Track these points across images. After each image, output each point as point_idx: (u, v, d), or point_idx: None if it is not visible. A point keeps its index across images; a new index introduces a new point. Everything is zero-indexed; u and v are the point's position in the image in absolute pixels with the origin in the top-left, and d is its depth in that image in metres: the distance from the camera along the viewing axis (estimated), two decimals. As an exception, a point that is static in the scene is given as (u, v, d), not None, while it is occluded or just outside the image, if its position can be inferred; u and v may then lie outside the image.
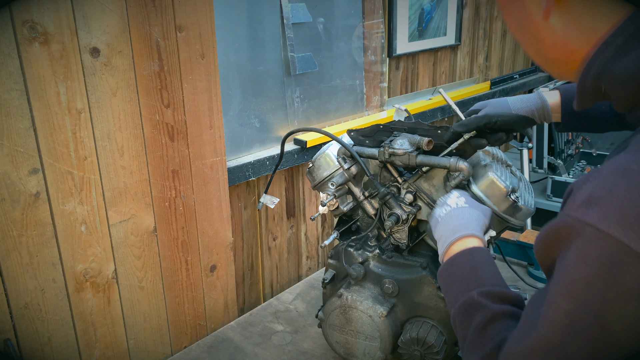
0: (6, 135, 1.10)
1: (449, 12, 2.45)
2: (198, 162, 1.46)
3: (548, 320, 0.55)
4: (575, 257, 0.52)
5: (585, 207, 0.51)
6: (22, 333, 1.21)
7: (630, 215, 0.48)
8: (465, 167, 1.07)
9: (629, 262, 0.48)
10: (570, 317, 0.53)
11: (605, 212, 0.49)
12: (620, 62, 0.57)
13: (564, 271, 0.54)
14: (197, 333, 1.59)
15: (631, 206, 0.49)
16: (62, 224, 1.23)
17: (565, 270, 0.54)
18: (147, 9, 1.27)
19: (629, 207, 0.49)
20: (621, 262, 0.49)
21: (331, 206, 1.26)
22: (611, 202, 0.49)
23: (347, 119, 2.07)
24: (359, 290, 1.25)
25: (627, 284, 0.49)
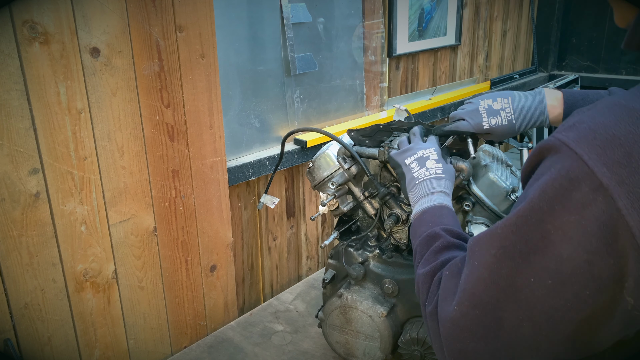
0: (6, 135, 1.10)
1: (449, 12, 2.45)
2: (198, 162, 1.46)
3: (503, 223, 0.59)
4: (542, 170, 0.56)
5: (568, 130, 0.54)
6: (22, 333, 1.21)
7: (600, 138, 0.50)
8: (465, 167, 1.07)
9: (582, 179, 0.50)
10: (517, 215, 0.56)
11: (581, 134, 0.52)
12: None
13: (531, 182, 0.58)
14: (197, 333, 1.59)
15: (604, 131, 0.51)
16: (62, 224, 1.23)
17: (532, 181, 0.57)
18: (147, 9, 1.27)
19: (602, 131, 0.51)
20: (576, 177, 0.51)
21: (331, 206, 1.26)
22: (589, 126, 0.52)
23: (347, 119, 2.07)
24: (359, 290, 1.25)
25: (575, 199, 0.51)
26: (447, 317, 0.64)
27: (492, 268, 0.59)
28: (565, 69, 3.27)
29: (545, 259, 0.54)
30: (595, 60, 3.16)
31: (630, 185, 0.49)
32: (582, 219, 0.51)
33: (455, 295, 0.64)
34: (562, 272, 0.53)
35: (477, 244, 0.62)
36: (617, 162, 0.49)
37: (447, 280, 0.67)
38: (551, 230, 0.53)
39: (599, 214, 0.50)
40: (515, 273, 0.57)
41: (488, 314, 0.59)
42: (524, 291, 0.56)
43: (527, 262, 0.55)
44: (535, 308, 0.56)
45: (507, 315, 0.58)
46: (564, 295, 0.53)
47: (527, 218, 0.55)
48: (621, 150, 0.49)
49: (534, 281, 0.55)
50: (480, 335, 0.61)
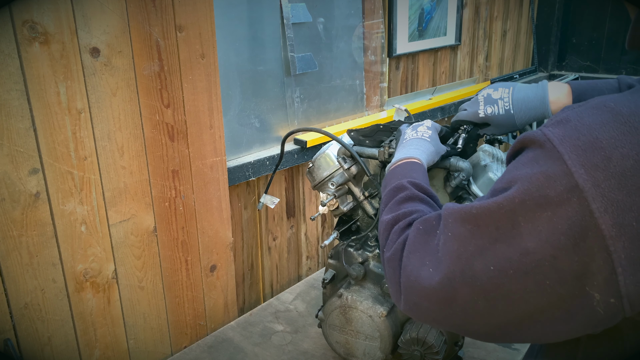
0: (6, 135, 1.10)
1: (449, 12, 2.45)
2: (198, 162, 1.46)
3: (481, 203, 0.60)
4: (523, 159, 0.56)
5: (555, 126, 0.54)
6: (22, 333, 1.21)
7: (582, 140, 0.51)
8: (465, 167, 1.07)
9: (559, 178, 0.51)
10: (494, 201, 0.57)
11: (566, 133, 0.53)
12: None
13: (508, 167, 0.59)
14: (197, 333, 1.59)
15: (588, 132, 0.51)
16: (62, 224, 1.23)
17: (511, 167, 0.58)
18: (147, 9, 1.27)
19: (586, 132, 0.51)
20: (554, 176, 0.52)
21: (331, 206, 1.26)
22: (574, 126, 0.52)
23: (347, 119, 2.07)
24: (359, 290, 1.25)
25: (550, 196, 0.52)
26: (414, 274, 0.65)
27: (462, 243, 0.60)
28: (565, 69, 3.28)
29: (510, 248, 0.55)
30: (595, 60, 3.16)
31: (605, 189, 0.49)
32: (554, 216, 0.52)
33: (426, 254, 0.66)
34: (525, 264, 0.54)
35: (452, 216, 0.63)
36: (595, 165, 0.50)
37: (420, 234, 0.68)
38: (522, 222, 0.54)
39: (572, 213, 0.51)
40: (478, 254, 0.58)
41: (445, 287, 0.61)
42: (481, 277, 0.57)
43: (493, 248, 0.57)
44: (491, 292, 0.57)
45: (461, 294, 0.60)
46: (524, 283, 0.55)
47: (501, 206, 0.56)
48: (601, 153, 0.50)
49: (493, 269, 0.56)
50: (435, 300, 0.63)
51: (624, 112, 0.52)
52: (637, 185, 0.49)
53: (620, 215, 0.49)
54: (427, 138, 1.00)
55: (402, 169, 0.89)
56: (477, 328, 0.62)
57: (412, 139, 1.00)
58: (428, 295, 0.63)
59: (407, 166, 0.89)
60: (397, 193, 0.81)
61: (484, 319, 0.60)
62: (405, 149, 0.97)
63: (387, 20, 2.14)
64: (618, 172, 0.49)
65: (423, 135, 1.01)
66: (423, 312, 0.66)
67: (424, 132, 1.02)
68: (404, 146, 0.99)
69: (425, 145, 0.97)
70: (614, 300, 0.51)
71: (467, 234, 0.59)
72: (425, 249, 0.66)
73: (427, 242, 0.67)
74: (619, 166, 0.49)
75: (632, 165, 0.49)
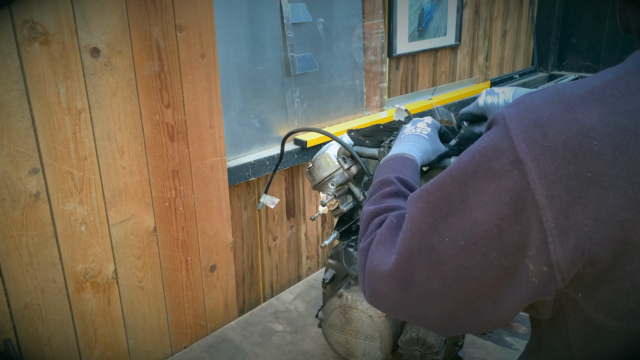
0: (6, 135, 1.10)
1: (449, 12, 2.45)
2: (198, 162, 1.46)
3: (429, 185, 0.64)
4: (483, 136, 0.60)
5: (512, 106, 0.58)
6: (22, 333, 1.21)
7: (529, 117, 0.55)
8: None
9: (504, 151, 0.55)
10: (447, 174, 0.61)
11: (518, 111, 0.56)
12: None
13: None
14: (197, 333, 1.59)
15: (534, 111, 0.55)
16: (62, 224, 1.23)
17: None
18: (147, 9, 1.27)
19: (532, 111, 0.55)
20: (501, 149, 0.55)
21: (331, 206, 1.26)
22: (526, 106, 0.56)
23: (347, 119, 2.07)
24: (359, 290, 1.25)
25: (495, 168, 0.56)
26: (377, 260, 0.68)
27: (414, 222, 0.64)
28: (565, 69, 3.28)
29: (461, 220, 0.59)
30: (595, 60, 3.16)
31: (541, 162, 0.53)
32: (497, 188, 0.55)
33: (392, 244, 0.68)
34: (474, 234, 0.58)
35: (411, 197, 0.66)
36: (534, 140, 0.54)
37: (391, 227, 0.71)
38: (471, 194, 0.58)
39: (513, 184, 0.54)
40: (432, 230, 0.61)
41: (402, 266, 0.64)
42: (438, 249, 0.61)
43: (445, 222, 0.60)
44: (446, 265, 0.60)
45: (419, 271, 0.63)
46: (473, 255, 0.58)
47: (453, 178, 0.60)
48: (540, 130, 0.54)
49: (448, 241, 0.60)
50: (393, 282, 0.66)
51: (566, 93, 0.55)
52: (566, 158, 0.52)
53: (552, 187, 0.52)
54: (425, 135, 1.00)
55: (393, 164, 0.90)
56: (431, 315, 0.65)
57: (410, 135, 1.01)
58: (386, 278, 0.66)
59: (399, 161, 0.91)
60: (383, 187, 0.83)
61: (437, 303, 0.63)
62: (401, 145, 0.98)
63: (387, 20, 2.14)
64: (552, 146, 0.53)
65: (422, 132, 1.01)
66: (382, 298, 0.68)
67: (422, 128, 1.03)
68: (401, 141, 0.99)
69: (422, 142, 0.98)
70: (546, 269, 0.55)
71: (419, 212, 0.63)
72: (393, 240, 0.69)
73: (396, 234, 0.69)
74: (553, 141, 0.53)
75: (563, 140, 0.52)
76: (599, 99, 0.53)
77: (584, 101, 0.54)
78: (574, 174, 0.52)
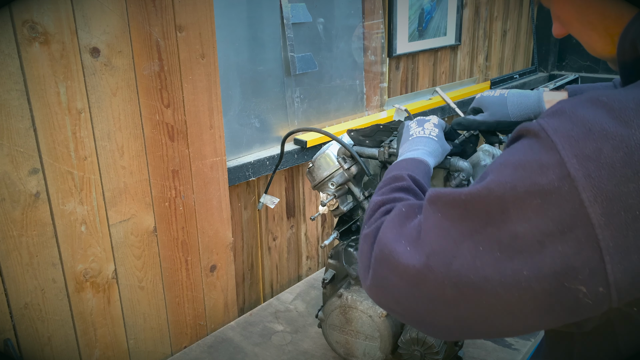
0: (6, 135, 1.10)
1: (449, 12, 2.45)
2: (198, 162, 1.46)
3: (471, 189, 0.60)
4: (519, 146, 0.57)
5: (550, 117, 0.55)
6: (22, 333, 1.21)
7: (576, 130, 0.52)
8: (465, 167, 1.07)
9: (552, 167, 0.52)
10: (485, 187, 0.57)
11: (560, 123, 0.54)
12: None
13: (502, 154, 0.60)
14: (197, 333, 1.59)
15: (581, 124, 0.52)
16: (62, 224, 1.23)
17: (506, 153, 0.59)
18: (147, 9, 1.27)
19: (579, 124, 0.53)
20: (547, 164, 0.52)
21: (331, 206, 1.26)
22: (569, 117, 0.54)
23: (347, 119, 2.07)
24: (359, 290, 1.25)
25: (541, 184, 0.52)
26: (389, 247, 0.66)
27: (451, 223, 0.60)
28: (565, 69, 3.27)
29: (500, 232, 0.56)
30: (595, 60, 3.15)
31: (596, 179, 0.50)
32: (544, 203, 0.52)
33: (402, 232, 0.66)
34: (514, 247, 0.54)
35: (440, 200, 0.62)
36: (587, 156, 0.51)
37: (400, 215, 0.69)
38: (511, 208, 0.55)
39: (562, 202, 0.51)
40: (468, 237, 0.58)
41: (422, 264, 0.61)
42: (465, 257, 0.57)
43: (484, 231, 0.57)
44: (465, 276, 0.57)
45: (434, 274, 0.60)
46: (503, 271, 0.55)
47: (491, 191, 0.57)
48: (593, 144, 0.51)
49: (482, 249, 0.56)
50: (407, 277, 0.63)
51: (616, 107, 0.53)
52: (625, 176, 0.50)
53: (609, 205, 0.50)
54: (435, 137, 0.98)
55: (406, 164, 0.89)
56: (437, 319, 0.62)
57: (420, 137, 0.98)
58: (400, 271, 0.63)
59: (413, 162, 0.89)
60: (394, 182, 0.81)
61: (448, 308, 0.60)
62: (412, 148, 0.95)
63: (387, 21, 2.14)
64: (608, 163, 0.50)
65: (431, 133, 0.99)
66: (389, 288, 0.65)
67: (431, 130, 1.00)
68: (410, 144, 0.97)
69: (434, 145, 0.96)
70: (602, 289, 0.52)
71: (457, 216, 0.60)
72: (402, 228, 0.67)
73: (405, 223, 0.67)
74: (610, 157, 0.50)
75: (622, 157, 0.50)
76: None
77: (639, 116, 0.51)
78: (635, 192, 0.49)
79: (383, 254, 0.66)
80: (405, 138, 1.01)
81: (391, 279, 0.65)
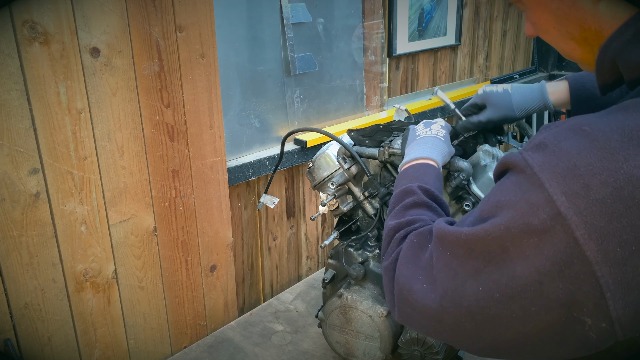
0: (6, 135, 1.10)
1: (449, 12, 2.45)
2: (198, 162, 1.46)
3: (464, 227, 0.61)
4: (507, 183, 0.58)
5: (534, 151, 0.55)
6: (22, 333, 1.21)
7: (561, 166, 0.52)
8: (465, 167, 1.07)
9: (542, 206, 0.52)
10: (482, 228, 0.58)
11: (545, 159, 0.53)
12: (638, 48, 0.59)
13: (491, 191, 0.61)
14: (197, 333, 1.59)
15: (566, 159, 0.52)
16: (62, 224, 1.23)
17: (496, 189, 0.60)
18: (147, 9, 1.27)
19: (564, 159, 0.52)
20: (537, 203, 0.52)
21: (331, 206, 1.26)
22: (553, 151, 0.53)
23: (347, 119, 2.07)
24: (359, 290, 1.25)
25: (534, 224, 0.52)
26: (407, 287, 0.67)
27: (458, 263, 0.61)
28: (565, 69, 3.27)
29: (499, 272, 0.56)
30: (595, 60, 3.15)
31: (588, 216, 0.50)
32: (539, 242, 0.52)
33: (417, 267, 0.67)
34: (512, 288, 0.55)
35: (446, 238, 0.63)
36: (576, 193, 0.50)
37: (413, 247, 0.70)
38: (510, 247, 0.55)
39: (556, 240, 0.51)
40: (472, 277, 0.59)
41: (435, 304, 0.62)
42: (469, 298, 0.58)
43: (486, 270, 0.57)
44: (477, 314, 0.58)
45: (449, 313, 0.61)
46: (510, 307, 0.56)
47: (489, 232, 0.57)
48: (580, 181, 0.51)
49: (481, 290, 0.57)
50: (427, 315, 0.64)
51: (600, 138, 0.52)
52: (617, 211, 0.49)
53: (604, 242, 0.50)
54: (442, 137, 0.98)
55: (415, 171, 0.87)
56: (467, 346, 0.63)
57: (427, 137, 0.98)
58: (420, 310, 0.65)
59: (421, 168, 0.88)
60: (405, 197, 0.80)
61: (472, 339, 0.61)
62: (419, 148, 0.95)
63: (387, 21, 2.14)
64: (599, 199, 0.50)
65: (438, 134, 0.99)
66: (416, 323, 0.67)
67: (438, 131, 1.00)
68: (418, 144, 0.97)
69: (441, 145, 0.96)
70: (605, 325, 0.52)
71: (463, 255, 0.60)
72: (417, 262, 0.68)
73: (419, 255, 0.68)
74: (599, 193, 0.50)
75: (611, 192, 0.49)
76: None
77: (624, 147, 0.50)
78: (628, 228, 0.49)
79: (402, 294, 0.68)
80: (412, 138, 1.00)
81: (415, 316, 0.66)
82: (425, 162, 0.89)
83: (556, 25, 0.67)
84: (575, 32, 0.65)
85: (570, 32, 0.65)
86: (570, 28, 0.65)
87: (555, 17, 0.66)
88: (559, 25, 0.66)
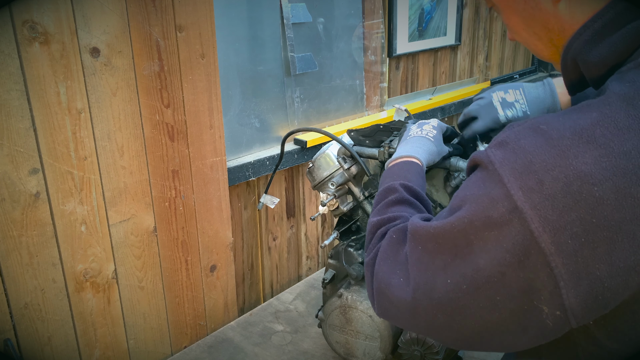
0: (6, 135, 1.10)
1: (449, 12, 2.45)
2: (198, 162, 1.46)
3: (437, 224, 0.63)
4: (473, 179, 0.60)
5: (497, 148, 0.58)
6: (22, 333, 1.21)
7: (519, 162, 0.55)
8: (464, 167, 1.07)
9: (501, 200, 0.55)
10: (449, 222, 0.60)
11: (505, 156, 0.56)
12: (595, 48, 0.61)
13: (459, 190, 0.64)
14: (197, 333, 1.59)
15: (523, 156, 0.55)
16: (62, 224, 1.23)
17: (464, 186, 0.63)
18: (147, 9, 1.27)
19: (522, 156, 0.55)
20: (497, 198, 0.55)
21: (331, 206, 1.26)
22: (513, 150, 0.56)
23: (347, 119, 2.07)
24: (359, 290, 1.25)
25: (494, 217, 0.55)
26: (385, 281, 0.70)
27: (428, 257, 0.64)
28: (565, 69, 3.27)
29: (465, 264, 0.59)
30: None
31: (542, 210, 0.52)
32: (499, 235, 0.55)
33: (396, 263, 0.69)
34: (478, 279, 0.58)
35: (417, 233, 0.66)
36: (531, 188, 0.53)
37: (392, 243, 0.72)
38: (474, 240, 0.58)
39: (514, 233, 0.54)
40: (441, 270, 0.61)
41: (410, 297, 0.65)
42: (439, 291, 0.61)
43: (453, 263, 0.60)
44: (448, 305, 0.61)
45: (422, 306, 0.64)
46: (477, 298, 0.58)
47: (454, 226, 0.60)
48: (535, 176, 0.53)
49: (450, 282, 0.60)
50: (402, 309, 0.67)
51: (554, 136, 0.54)
52: (567, 205, 0.52)
53: (557, 234, 0.52)
54: (431, 138, 1.00)
55: (398, 169, 0.90)
56: (443, 338, 0.66)
57: (416, 137, 1.00)
58: (396, 304, 0.68)
59: (405, 166, 0.90)
60: (388, 195, 0.83)
61: (445, 331, 0.64)
62: (407, 146, 0.97)
63: (387, 20, 2.14)
64: (551, 194, 0.52)
65: (427, 134, 1.01)
66: (393, 317, 0.70)
67: (428, 131, 1.02)
68: (406, 143, 0.99)
69: (428, 144, 0.98)
70: (559, 313, 0.54)
71: (432, 249, 0.63)
72: (395, 258, 0.70)
73: (398, 251, 0.70)
74: (551, 188, 0.52)
75: (562, 188, 0.52)
76: (590, 140, 0.52)
77: (575, 144, 0.53)
78: (578, 221, 0.51)
79: (381, 289, 0.70)
80: (404, 138, 1.03)
81: (392, 310, 0.69)
82: (409, 160, 0.92)
83: (525, 27, 0.69)
84: (541, 33, 0.68)
85: (537, 33, 0.68)
86: (536, 29, 0.68)
87: (522, 18, 0.69)
88: (527, 26, 0.69)
